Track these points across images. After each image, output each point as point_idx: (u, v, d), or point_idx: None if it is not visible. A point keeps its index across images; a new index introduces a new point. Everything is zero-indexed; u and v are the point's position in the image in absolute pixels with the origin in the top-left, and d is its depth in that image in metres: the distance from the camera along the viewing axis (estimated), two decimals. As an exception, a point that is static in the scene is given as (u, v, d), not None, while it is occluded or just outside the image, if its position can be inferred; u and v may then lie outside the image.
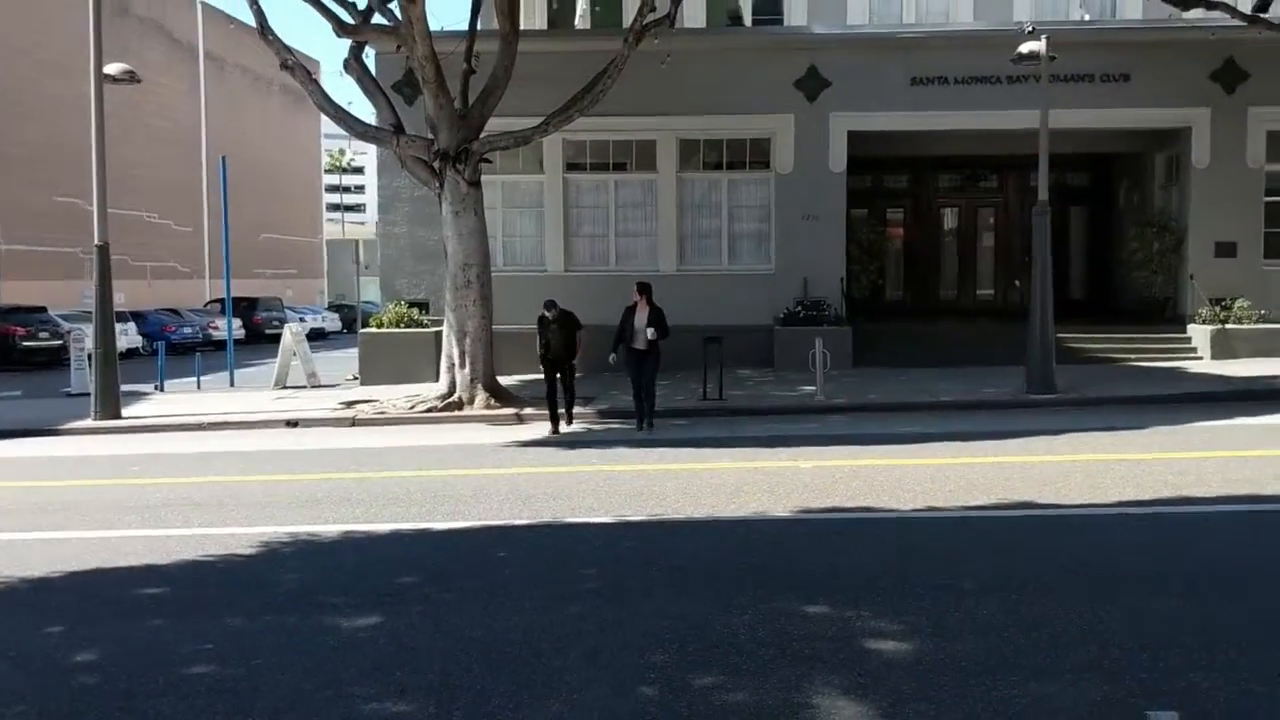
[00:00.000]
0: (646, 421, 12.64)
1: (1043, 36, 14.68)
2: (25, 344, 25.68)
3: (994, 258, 23.91)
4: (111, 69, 15.84)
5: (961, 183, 24.00)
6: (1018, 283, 22.62)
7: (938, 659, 4.80)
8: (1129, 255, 19.94)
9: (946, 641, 5.02)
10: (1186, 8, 16.63)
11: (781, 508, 8.10)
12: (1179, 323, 18.74)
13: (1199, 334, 18.09)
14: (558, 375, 13.00)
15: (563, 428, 13.00)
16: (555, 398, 12.93)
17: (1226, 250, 18.49)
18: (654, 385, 12.75)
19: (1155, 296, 19.62)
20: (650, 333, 12.34)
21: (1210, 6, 16.37)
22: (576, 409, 13.97)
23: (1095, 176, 23.27)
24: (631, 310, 12.63)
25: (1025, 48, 14.73)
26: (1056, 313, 14.75)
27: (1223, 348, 17.66)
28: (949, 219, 24.25)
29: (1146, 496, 8.13)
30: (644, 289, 12.75)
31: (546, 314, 12.98)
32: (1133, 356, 17.87)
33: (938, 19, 21.36)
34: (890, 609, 5.50)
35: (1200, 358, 17.77)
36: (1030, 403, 13.81)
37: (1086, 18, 20.69)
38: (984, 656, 4.82)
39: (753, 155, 19.27)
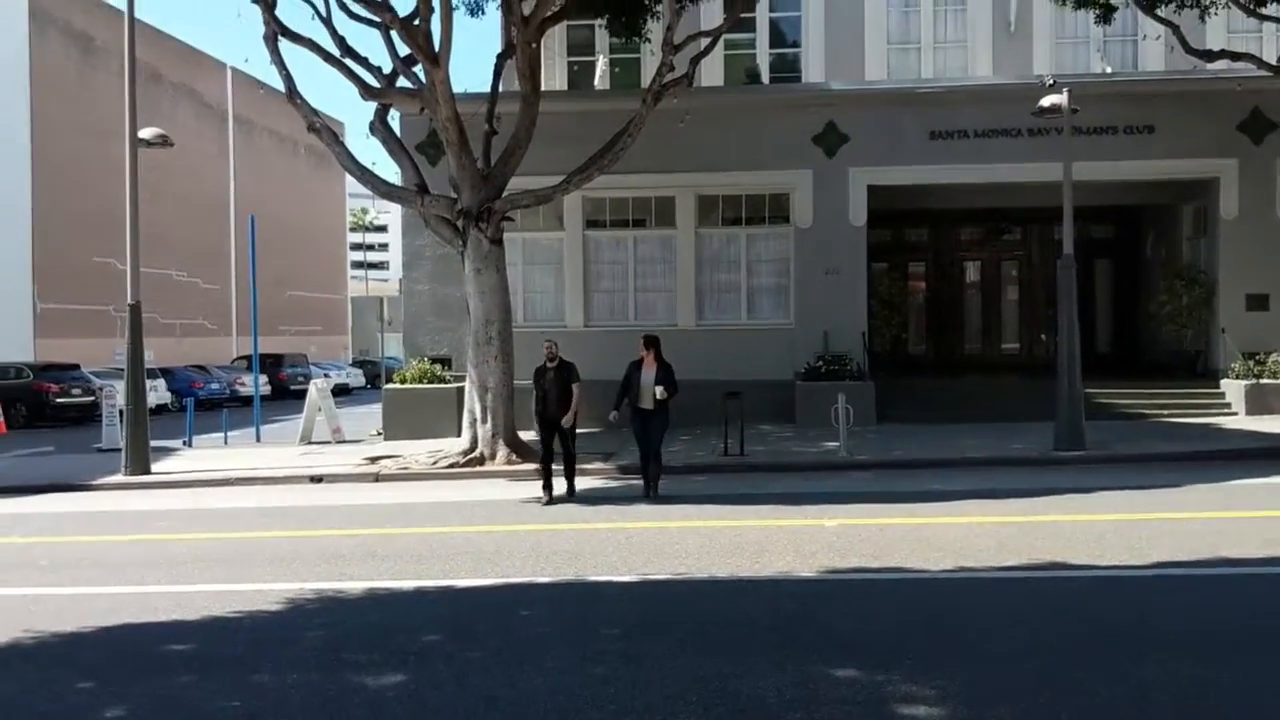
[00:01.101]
0: (653, 486, 11.66)
1: (1064, 89, 14.69)
2: (58, 401, 26.08)
3: (1018, 311, 23.77)
4: (145, 133, 16.24)
5: (984, 236, 23.94)
6: (1043, 336, 22.45)
7: (972, 725, 4.66)
8: (1158, 308, 19.71)
9: (980, 708, 4.87)
10: (1211, 59, 16.67)
11: (807, 567, 7.97)
12: (1211, 377, 18.44)
13: (1233, 389, 17.77)
14: (554, 435, 11.72)
15: (559, 489, 11.73)
16: (550, 461, 11.71)
17: (1259, 303, 18.21)
18: (661, 446, 11.76)
19: (1186, 350, 19.34)
20: (659, 391, 11.31)
21: (1235, 57, 16.41)
22: (596, 464, 13.79)
23: (1121, 228, 23.14)
24: (638, 366, 11.61)
25: (1046, 101, 14.76)
26: (1084, 367, 14.55)
27: (1258, 403, 17.31)
28: (972, 272, 24.17)
29: (1184, 557, 7.93)
30: (651, 343, 11.72)
31: (547, 364, 11.81)
32: (1164, 412, 17.58)
33: (956, 73, 21.50)
34: (921, 673, 5.36)
35: (1235, 413, 17.45)
36: (1059, 460, 13.59)
37: (1108, 70, 20.69)
38: (1020, 723, 4.68)
39: (772, 210, 19.40)
